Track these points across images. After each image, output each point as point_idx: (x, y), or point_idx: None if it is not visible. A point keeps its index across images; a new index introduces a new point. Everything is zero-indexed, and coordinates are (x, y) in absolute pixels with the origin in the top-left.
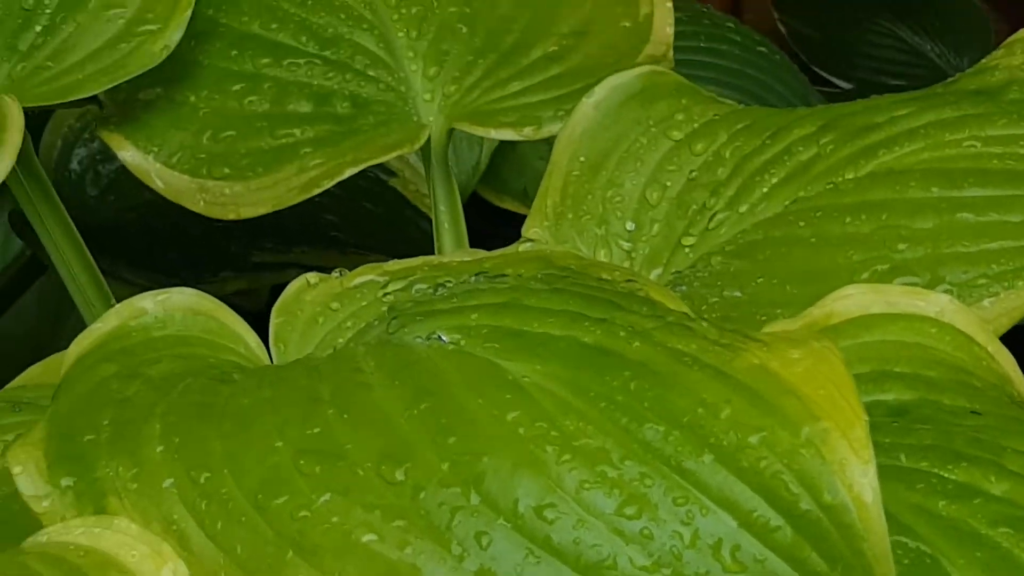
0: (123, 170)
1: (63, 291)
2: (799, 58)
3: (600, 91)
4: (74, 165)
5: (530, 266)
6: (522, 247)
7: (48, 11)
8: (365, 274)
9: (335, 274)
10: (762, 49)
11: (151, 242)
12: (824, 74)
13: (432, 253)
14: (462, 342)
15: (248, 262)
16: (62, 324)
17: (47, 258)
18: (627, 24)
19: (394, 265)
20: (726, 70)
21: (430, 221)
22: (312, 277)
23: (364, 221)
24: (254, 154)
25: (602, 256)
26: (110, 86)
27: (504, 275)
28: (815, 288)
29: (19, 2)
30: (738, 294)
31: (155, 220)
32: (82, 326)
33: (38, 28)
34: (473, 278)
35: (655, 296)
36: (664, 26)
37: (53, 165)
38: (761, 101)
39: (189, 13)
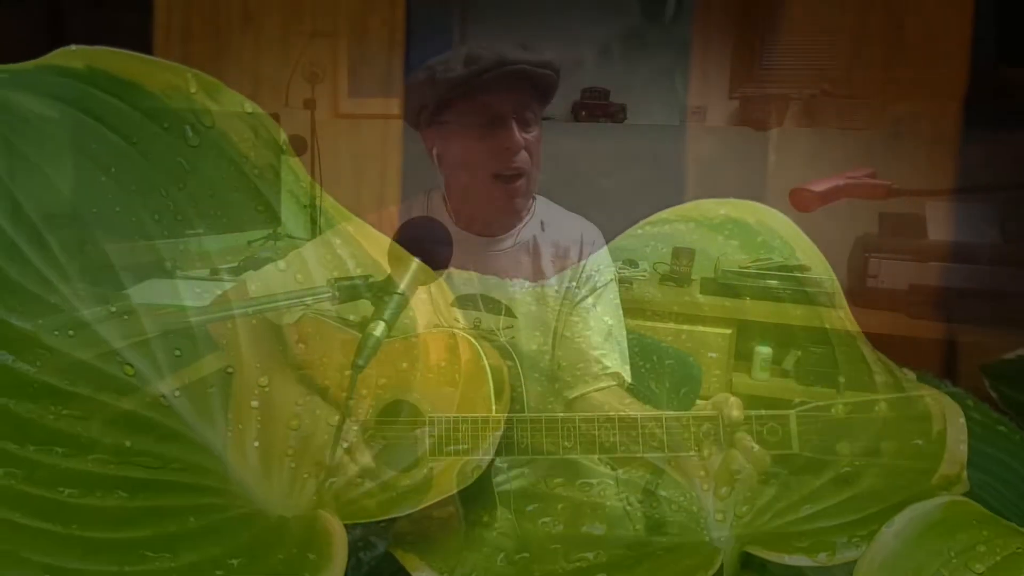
0: (385, 558)
1: None
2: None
3: (900, 520)
4: None
5: None
6: None
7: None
8: None
9: None
10: (1002, 428)
11: None
12: None
13: None
14: None
15: None
16: None
17: None
18: (919, 442)
19: None
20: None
21: None
22: None
23: None
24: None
25: None
26: (418, 508)
27: None
28: None
29: (324, 419)
30: None
31: None
32: None
33: (344, 445)
34: None
35: None
36: (958, 444)
37: None
38: (999, 477)
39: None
